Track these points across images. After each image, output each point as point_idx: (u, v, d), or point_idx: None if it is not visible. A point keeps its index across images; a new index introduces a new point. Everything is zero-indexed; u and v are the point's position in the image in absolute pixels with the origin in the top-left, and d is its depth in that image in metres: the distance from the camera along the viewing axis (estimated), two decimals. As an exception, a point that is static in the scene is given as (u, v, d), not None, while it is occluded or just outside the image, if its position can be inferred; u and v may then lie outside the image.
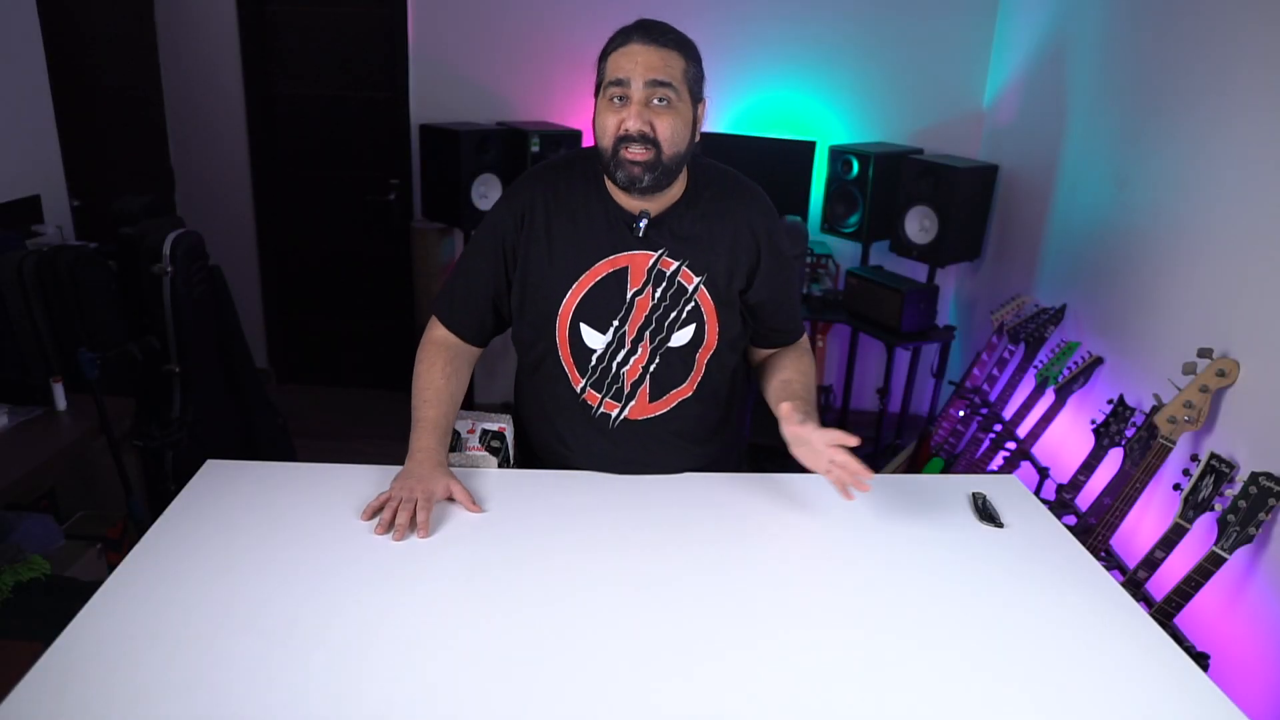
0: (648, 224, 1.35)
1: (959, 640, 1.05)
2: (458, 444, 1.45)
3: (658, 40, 1.26)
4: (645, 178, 1.27)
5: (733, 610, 1.09)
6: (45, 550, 1.95)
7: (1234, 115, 1.97)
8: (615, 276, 1.36)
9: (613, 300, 1.37)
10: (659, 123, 1.25)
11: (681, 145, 1.29)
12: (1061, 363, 2.51)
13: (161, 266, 2.29)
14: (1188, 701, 0.96)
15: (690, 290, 1.37)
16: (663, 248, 1.36)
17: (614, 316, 1.37)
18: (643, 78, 1.24)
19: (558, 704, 0.92)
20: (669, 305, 1.38)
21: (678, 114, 1.27)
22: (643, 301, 1.37)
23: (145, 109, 3.45)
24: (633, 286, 1.37)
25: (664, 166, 1.27)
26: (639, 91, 1.24)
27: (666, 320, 1.38)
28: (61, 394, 2.14)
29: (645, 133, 1.25)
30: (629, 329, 1.38)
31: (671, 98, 1.25)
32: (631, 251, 1.36)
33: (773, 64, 3.40)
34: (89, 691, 0.89)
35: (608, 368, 1.40)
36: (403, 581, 1.11)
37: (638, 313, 1.37)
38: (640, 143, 1.25)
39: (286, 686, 0.91)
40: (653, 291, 1.37)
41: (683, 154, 1.30)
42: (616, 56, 1.26)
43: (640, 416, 1.42)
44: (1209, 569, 1.68)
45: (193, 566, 1.11)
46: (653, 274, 1.37)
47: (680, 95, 1.27)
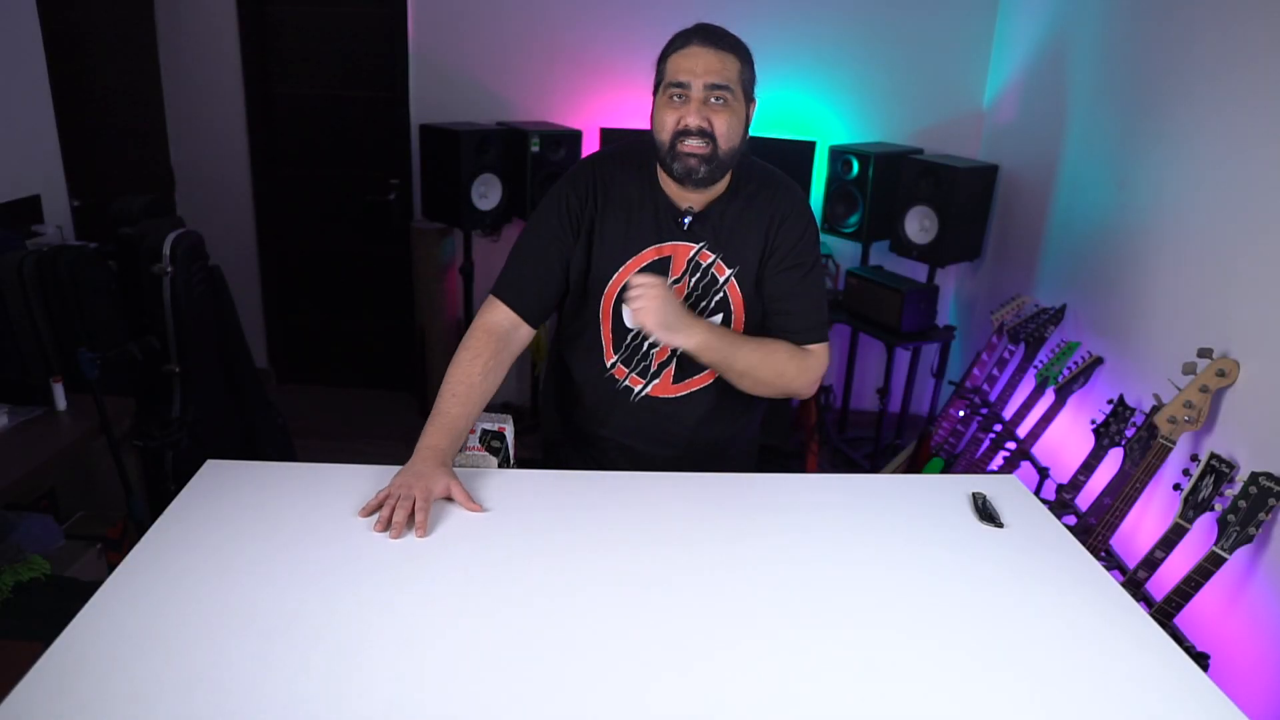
0: (692, 218, 1.44)
1: (959, 640, 1.05)
2: None
3: (717, 44, 1.35)
4: (701, 169, 1.36)
5: (732, 610, 1.09)
6: (45, 550, 1.95)
7: (1234, 115, 1.97)
8: (659, 264, 1.46)
9: None
10: (716, 120, 1.34)
11: (735, 141, 1.38)
12: (1061, 363, 2.51)
13: (161, 266, 2.29)
14: (1188, 701, 0.96)
15: (721, 282, 1.46)
16: (704, 241, 1.45)
17: None
18: (702, 80, 1.33)
19: (557, 703, 0.92)
20: (700, 295, 1.47)
21: (733, 113, 1.36)
22: (680, 289, 1.46)
23: (145, 109, 3.45)
24: (673, 274, 1.46)
25: (719, 160, 1.36)
26: (699, 92, 1.34)
27: (697, 309, 1.46)
28: (61, 394, 2.14)
29: (704, 128, 1.33)
30: None
31: (728, 98, 1.35)
32: (675, 242, 1.45)
33: (773, 64, 3.39)
34: (89, 691, 0.89)
35: (639, 346, 1.49)
36: (402, 581, 1.11)
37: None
38: (699, 137, 1.34)
39: (286, 686, 0.91)
40: (689, 280, 1.46)
41: (736, 150, 1.39)
42: (677, 58, 1.35)
43: (661, 395, 1.51)
44: (1209, 569, 1.68)
45: (193, 566, 1.11)
46: (691, 264, 1.46)
47: (736, 96, 1.37)
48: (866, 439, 3.55)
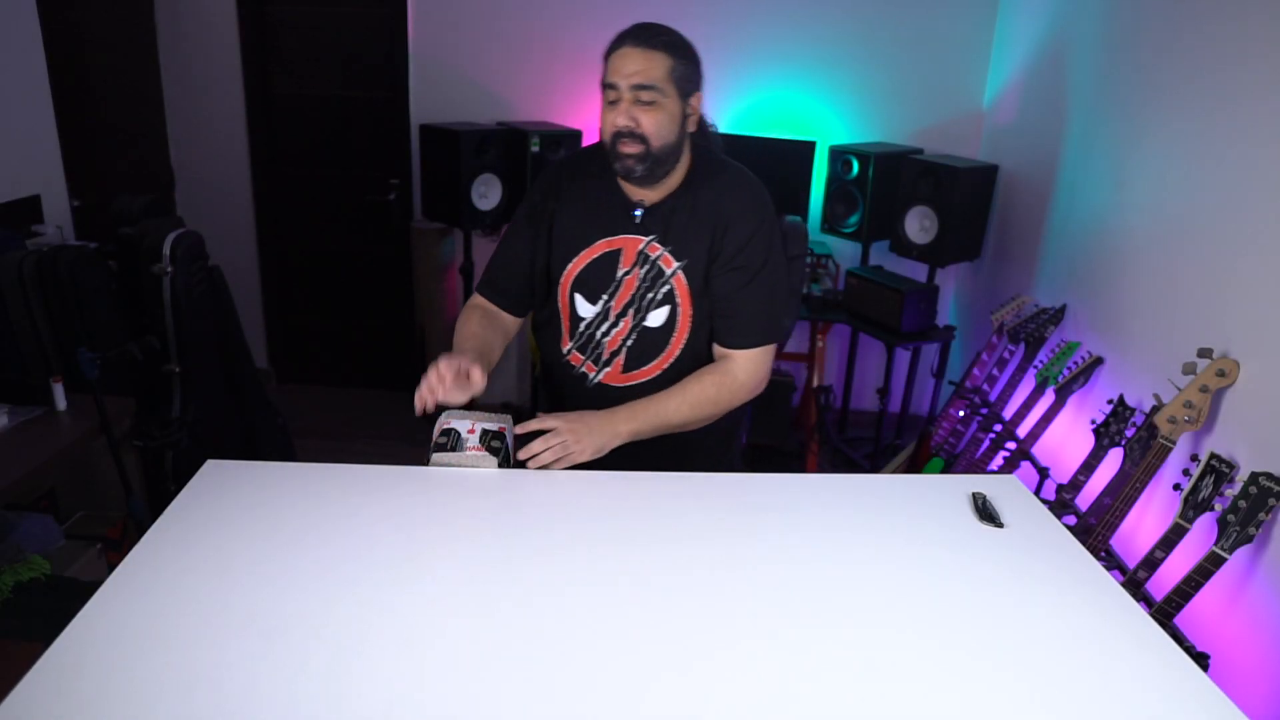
0: (644, 212, 1.50)
1: (959, 640, 1.05)
2: (458, 444, 1.46)
3: (646, 43, 1.38)
4: (637, 169, 1.42)
5: (732, 610, 1.09)
6: (45, 550, 1.95)
7: (1234, 115, 1.97)
8: (610, 256, 1.51)
9: (605, 276, 1.52)
10: (645, 119, 1.39)
11: (670, 138, 1.42)
12: (1061, 363, 2.51)
13: (161, 266, 2.29)
14: (1188, 701, 0.96)
15: (668, 274, 1.50)
16: (654, 234, 1.49)
17: (604, 291, 1.52)
18: (627, 81, 1.38)
19: (557, 703, 0.92)
20: (648, 286, 1.51)
21: (663, 110, 1.40)
22: (630, 280, 1.51)
23: (145, 109, 3.45)
24: (623, 266, 1.51)
25: (654, 158, 1.41)
26: (626, 94, 1.39)
27: (644, 300, 1.51)
28: (61, 394, 2.14)
29: (632, 129, 1.39)
30: (615, 304, 1.52)
31: (656, 97, 1.39)
32: (627, 235, 1.50)
33: (773, 64, 3.40)
34: (89, 691, 0.89)
35: (592, 335, 1.56)
36: (402, 581, 1.11)
37: (624, 290, 1.51)
38: (630, 138, 1.40)
39: (286, 686, 0.91)
40: (639, 272, 1.51)
41: (671, 145, 1.43)
42: (612, 59, 1.41)
43: (613, 383, 1.57)
44: (1209, 569, 1.68)
45: (193, 566, 1.11)
46: (640, 256, 1.50)
47: (665, 93, 1.40)
48: (866, 439, 3.55)
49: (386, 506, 1.29)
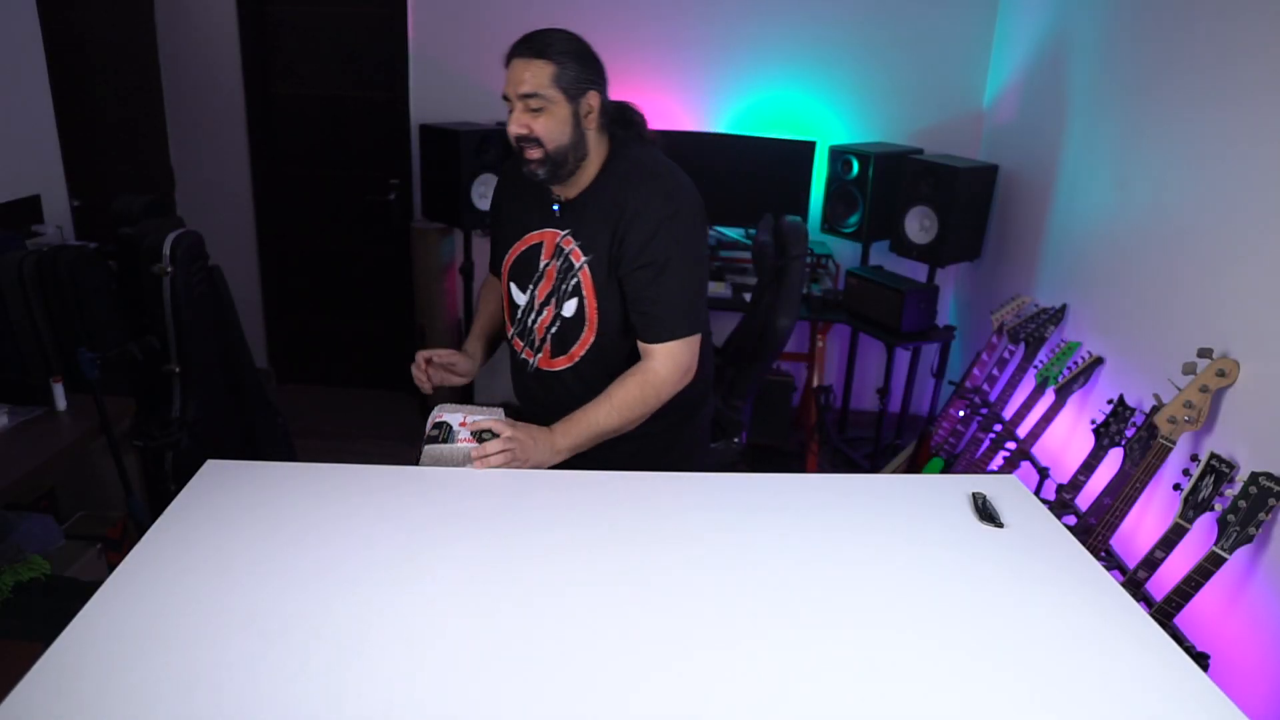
0: (563, 207, 1.58)
1: (959, 640, 1.05)
2: (449, 436, 1.47)
3: (530, 53, 1.47)
4: (539, 171, 1.50)
5: (732, 609, 1.09)
6: (45, 550, 1.95)
7: (1234, 115, 1.97)
8: (535, 248, 1.61)
9: (531, 267, 1.61)
10: (535, 124, 1.46)
11: (563, 139, 1.48)
12: (1061, 363, 2.51)
13: (161, 266, 2.29)
14: (1188, 701, 0.96)
15: (576, 267, 1.56)
16: (569, 228, 1.57)
17: (530, 281, 1.62)
18: (515, 92, 1.46)
19: (557, 702, 0.92)
20: (560, 279, 1.58)
21: (551, 115, 1.47)
22: (550, 271, 1.59)
23: (145, 109, 3.45)
24: (545, 258, 1.60)
25: (551, 159, 1.48)
26: (516, 104, 1.48)
27: (560, 291, 1.58)
28: (61, 394, 2.14)
29: (524, 134, 1.47)
30: (539, 293, 1.61)
31: (543, 104, 1.46)
32: (548, 229, 1.60)
33: (773, 64, 3.40)
34: (89, 691, 0.89)
35: (526, 322, 1.65)
36: (402, 581, 1.11)
37: (546, 281, 1.60)
38: (528, 143, 1.48)
39: (286, 686, 0.91)
40: (556, 264, 1.58)
41: (567, 146, 1.48)
42: (507, 72, 1.50)
43: (546, 368, 1.65)
44: (1209, 569, 1.68)
45: (193, 566, 1.11)
46: (557, 249, 1.58)
47: (550, 98, 1.46)
48: (866, 439, 3.55)
49: (386, 506, 1.29)
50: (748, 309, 2.75)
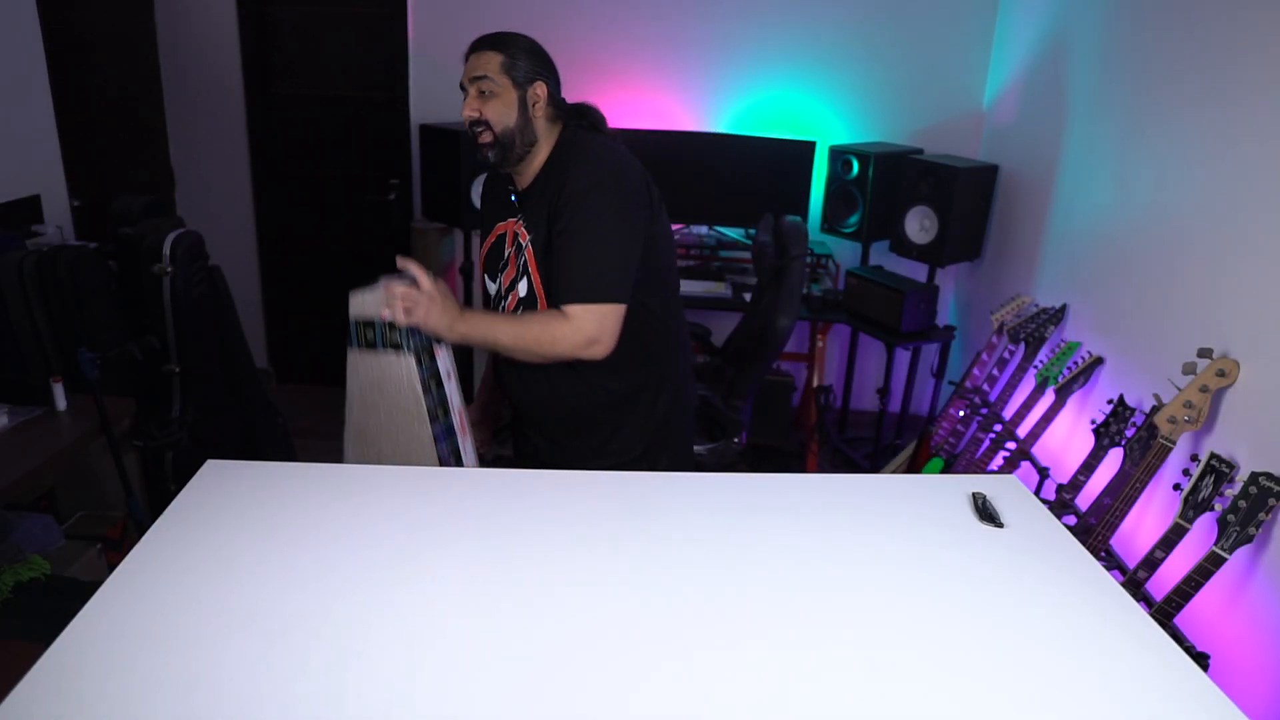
0: (519, 196, 1.66)
1: (959, 640, 1.05)
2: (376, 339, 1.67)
3: (482, 45, 1.60)
4: (490, 153, 1.59)
5: (732, 609, 1.09)
6: (45, 550, 1.95)
7: (1234, 115, 1.97)
8: (501, 239, 1.70)
9: (498, 256, 1.70)
10: (485, 109, 1.57)
11: (509, 122, 1.57)
12: (1061, 363, 2.51)
13: (161, 266, 2.29)
14: (1188, 701, 0.96)
15: (523, 248, 1.63)
16: (521, 215, 1.65)
17: (498, 269, 1.69)
18: (467, 79, 1.59)
19: (557, 702, 0.92)
20: (515, 261, 1.65)
21: (498, 98, 1.57)
22: (512, 258, 1.66)
23: (145, 109, 3.45)
24: (508, 247, 1.67)
25: (500, 142, 1.57)
26: (470, 88, 1.60)
27: (516, 276, 1.65)
28: (61, 394, 2.14)
29: (475, 117, 1.57)
30: (504, 280, 1.68)
31: (490, 88, 1.57)
32: (509, 219, 1.68)
33: (773, 64, 3.40)
34: (89, 691, 0.89)
35: (498, 308, 1.72)
36: (401, 581, 1.11)
37: (510, 268, 1.67)
38: (479, 126, 1.58)
39: (286, 686, 0.91)
40: (513, 251, 1.66)
41: (513, 129, 1.57)
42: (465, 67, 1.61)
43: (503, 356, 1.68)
44: (1209, 569, 1.68)
45: (193, 566, 1.11)
46: (513, 236, 1.66)
47: (498, 83, 1.57)
48: (866, 439, 3.55)
49: (386, 506, 1.29)
50: (748, 309, 2.75)
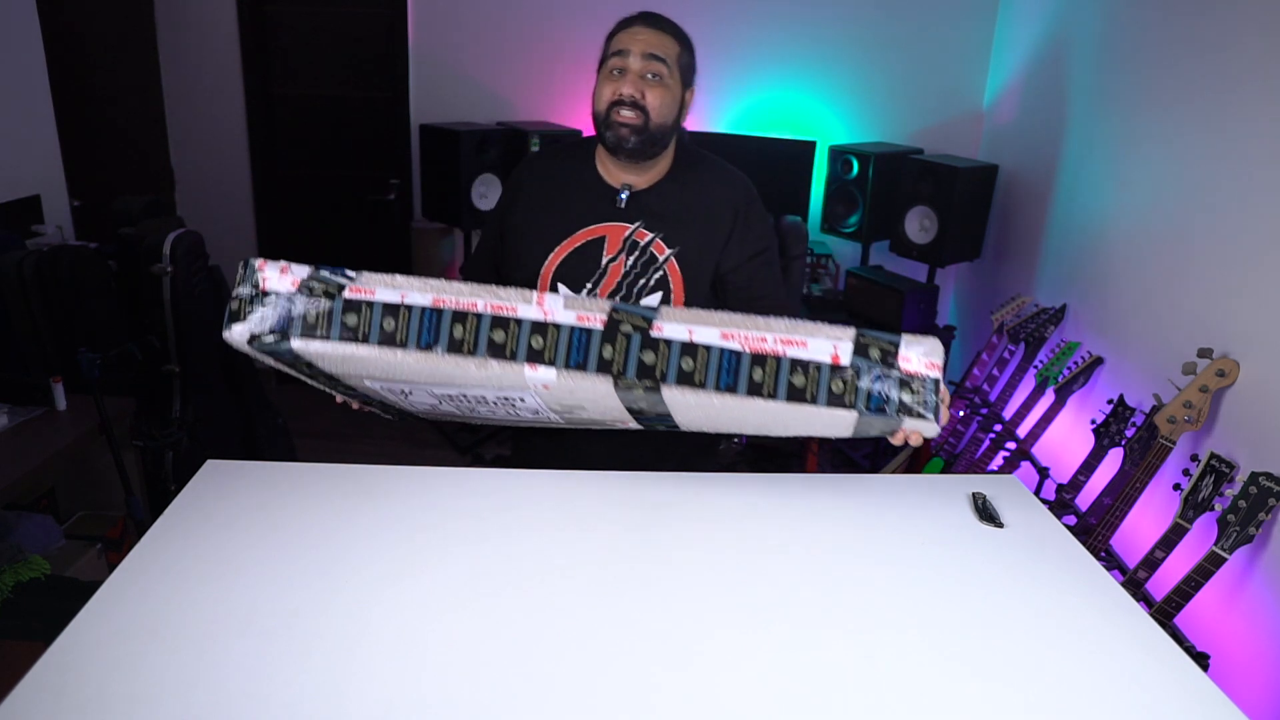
0: (629, 198, 1.48)
1: (958, 640, 1.05)
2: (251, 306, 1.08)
3: (658, 25, 1.44)
4: (632, 139, 1.41)
5: (730, 609, 1.09)
6: (45, 550, 1.95)
7: (1234, 115, 1.97)
8: (594, 244, 1.48)
9: (589, 264, 1.48)
10: (650, 93, 1.40)
11: (668, 119, 1.43)
12: (1061, 363, 2.51)
13: (161, 266, 2.29)
14: (1188, 701, 0.96)
15: (660, 260, 1.48)
16: (640, 220, 1.48)
17: (588, 279, 1.48)
18: (640, 50, 1.40)
19: (557, 703, 0.92)
20: (639, 273, 1.48)
21: (667, 90, 1.42)
22: (615, 268, 1.48)
23: (145, 109, 3.45)
24: (608, 254, 1.48)
25: (649, 134, 1.41)
26: (636, 62, 1.40)
27: (635, 287, 1.49)
28: (61, 394, 2.14)
29: (636, 99, 1.40)
30: (600, 292, 1.49)
31: (664, 73, 1.41)
32: (611, 222, 1.48)
33: (773, 64, 3.40)
34: (89, 691, 0.89)
35: None
36: (402, 581, 1.11)
37: (610, 278, 1.48)
38: (631, 108, 1.40)
39: (286, 686, 0.91)
40: (625, 259, 1.48)
41: (668, 127, 1.44)
42: (620, 35, 1.43)
43: None
44: (1209, 569, 1.68)
45: (193, 566, 1.11)
46: (627, 243, 1.48)
47: (672, 74, 1.43)
48: (867, 439, 3.54)
49: (386, 507, 1.29)
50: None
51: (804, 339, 1.08)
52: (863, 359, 1.08)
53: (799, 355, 1.07)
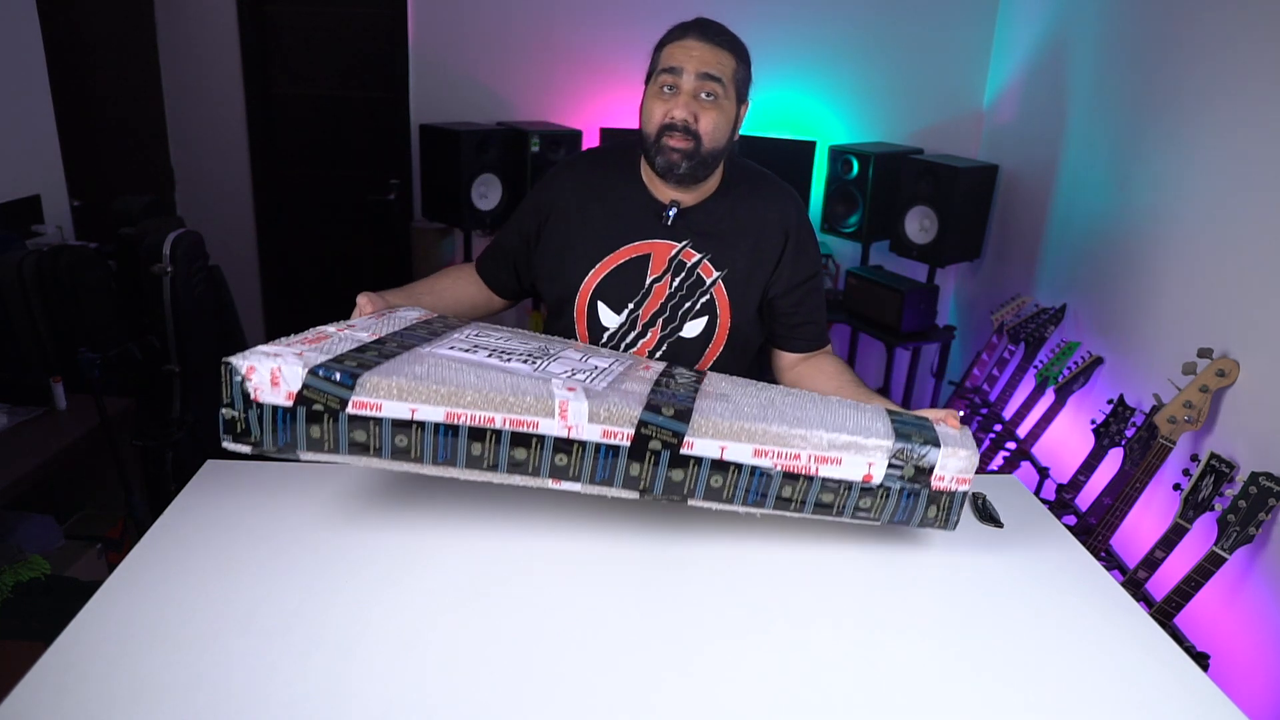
0: (676, 215, 1.40)
1: (958, 640, 1.05)
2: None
3: (714, 39, 1.33)
4: (683, 165, 1.33)
5: (729, 608, 1.09)
6: (45, 550, 1.95)
7: (1234, 115, 1.97)
8: (637, 262, 1.41)
9: (632, 284, 1.41)
10: (703, 116, 1.31)
11: (721, 141, 1.35)
12: (1061, 363, 2.51)
13: (161, 266, 2.29)
14: (1188, 701, 0.96)
15: (708, 284, 1.42)
16: (688, 239, 1.41)
17: (630, 299, 1.42)
18: (695, 70, 1.30)
19: (557, 703, 0.92)
20: (684, 295, 1.42)
21: (722, 111, 1.33)
22: (660, 289, 1.41)
23: (145, 109, 3.45)
24: (653, 273, 1.41)
25: (702, 158, 1.33)
26: (690, 82, 1.31)
27: (680, 310, 1.42)
28: (61, 394, 2.14)
29: (689, 123, 1.31)
30: (643, 313, 1.42)
31: (719, 93, 1.32)
32: (656, 240, 1.41)
33: (773, 64, 3.40)
34: (89, 691, 0.89)
35: (616, 347, 1.44)
36: (402, 581, 1.11)
37: (654, 299, 1.42)
38: (683, 132, 1.31)
39: (286, 686, 0.91)
40: (671, 280, 1.41)
41: (721, 150, 1.36)
42: (673, 48, 1.33)
43: None
44: (1209, 569, 1.68)
45: (193, 566, 1.11)
46: (673, 264, 1.41)
47: (727, 93, 1.34)
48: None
49: (386, 507, 1.29)
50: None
51: (839, 455, 1.07)
52: (896, 473, 1.08)
53: (831, 474, 1.07)
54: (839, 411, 1.13)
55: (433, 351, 1.09)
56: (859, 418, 1.12)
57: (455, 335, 1.19)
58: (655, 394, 1.09)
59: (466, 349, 1.13)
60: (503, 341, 1.19)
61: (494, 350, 1.14)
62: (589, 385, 1.06)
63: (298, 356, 0.99)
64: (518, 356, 1.12)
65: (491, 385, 1.01)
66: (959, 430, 1.16)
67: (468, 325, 1.28)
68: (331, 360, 1.00)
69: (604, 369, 1.15)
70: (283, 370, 0.99)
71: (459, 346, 1.14)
